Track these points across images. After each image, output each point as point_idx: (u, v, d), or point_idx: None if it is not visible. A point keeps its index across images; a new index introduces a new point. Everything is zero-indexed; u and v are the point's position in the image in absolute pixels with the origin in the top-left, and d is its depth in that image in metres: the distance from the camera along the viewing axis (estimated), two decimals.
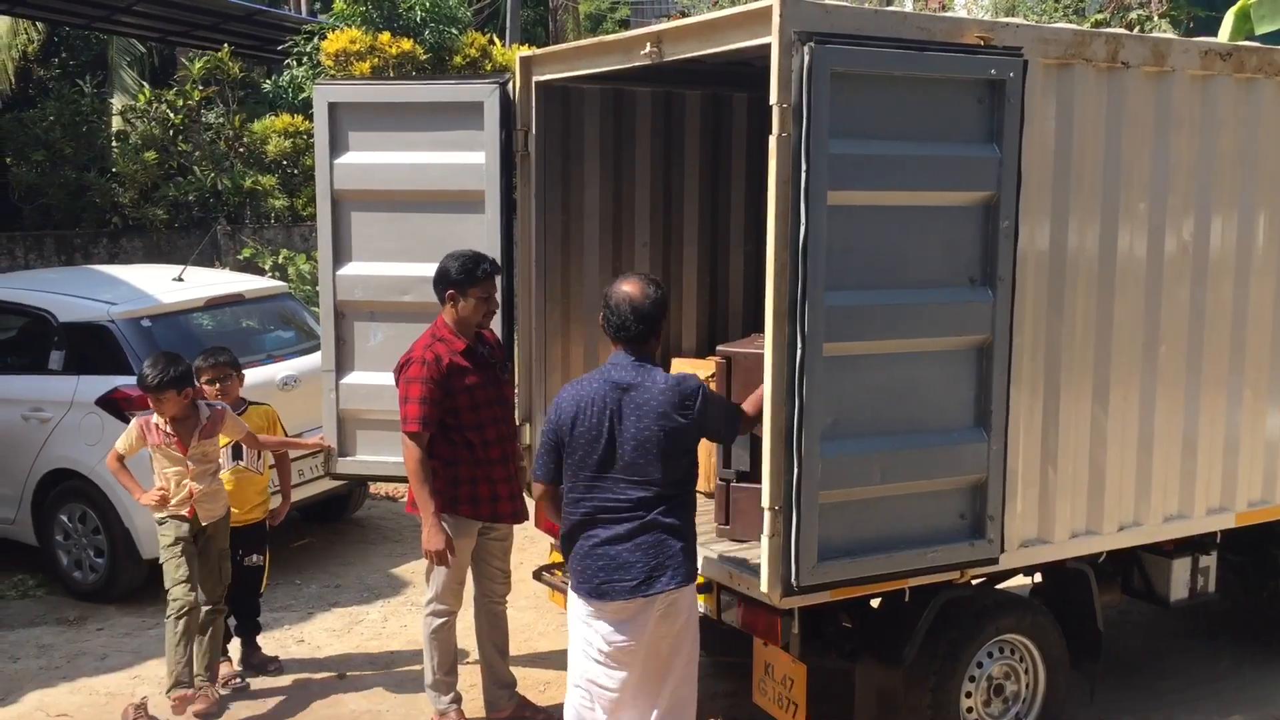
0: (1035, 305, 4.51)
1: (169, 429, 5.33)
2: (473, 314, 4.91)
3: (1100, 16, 11.87)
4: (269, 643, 6.18)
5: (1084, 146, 4.56)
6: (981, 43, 4.12)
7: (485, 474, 4.98)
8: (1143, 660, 6.11)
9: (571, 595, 4.24)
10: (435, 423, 4.84)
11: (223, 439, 5.60)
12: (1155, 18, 11.53)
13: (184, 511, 5.36)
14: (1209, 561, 5.41)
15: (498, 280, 5.02)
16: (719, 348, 5.13)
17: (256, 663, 5.98)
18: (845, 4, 4.10)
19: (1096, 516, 4.84)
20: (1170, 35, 8.64)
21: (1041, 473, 4.65)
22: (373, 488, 8.67)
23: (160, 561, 5.42)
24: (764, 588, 4.10)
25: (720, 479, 4.90)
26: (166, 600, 5.35)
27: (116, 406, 6.67)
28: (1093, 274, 4.66)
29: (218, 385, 5.72)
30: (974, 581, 4.79)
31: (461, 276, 4.86)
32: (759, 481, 4.58)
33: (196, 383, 5.58)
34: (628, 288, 4.15)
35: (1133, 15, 11.59)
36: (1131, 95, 4.63)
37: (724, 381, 4.92)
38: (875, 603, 4.72)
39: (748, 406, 4.34)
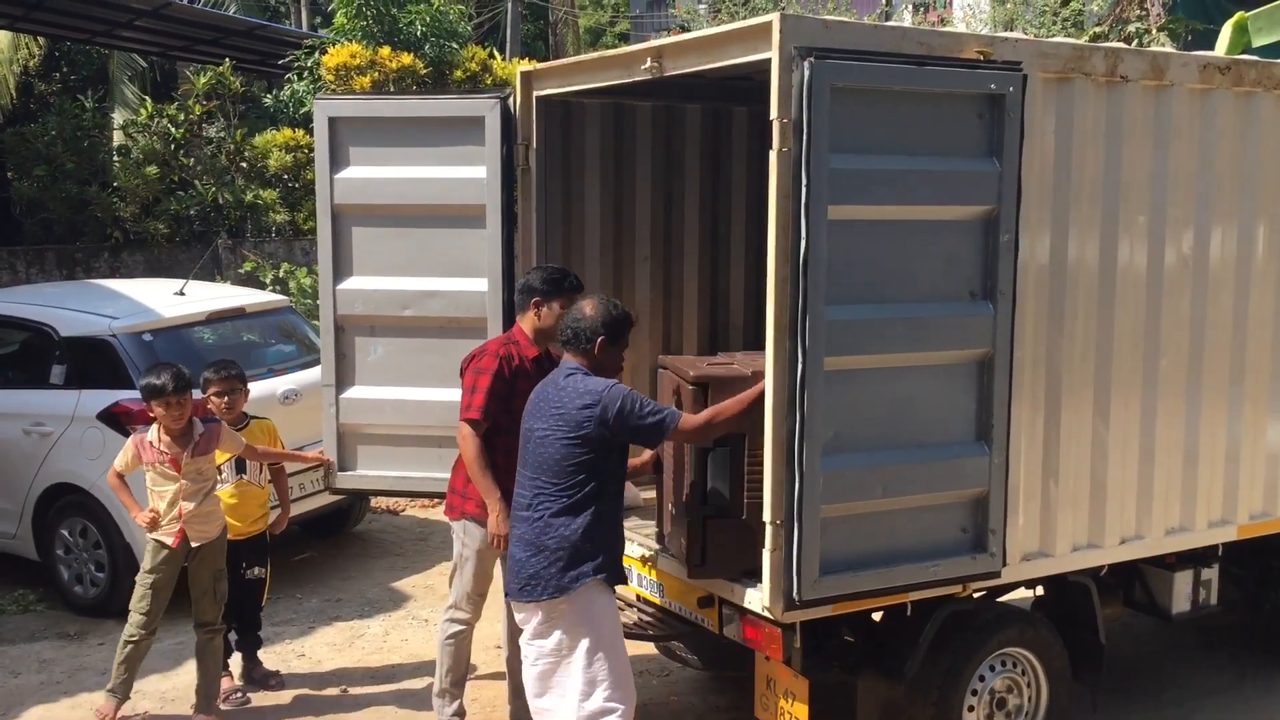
0: (1036, 318, 4.52)
1: (164, 446, 5.32)
2: (554, 324, 4.84)
3: (1099, 30, 11.91)
4: (270, 657, 6.17)
5: (1084, 160, 4.57)
6: (981, 57, 4.14)
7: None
8: (1145, 673, 6.10)
9: None
10: (493, 417, 4.84)
11: (221, 455, 5.59)
12: (1154, 31, 11.56)
13: (171, 535, 5.33)
14: (1211, 574, 5.40)
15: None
16: (660, 357, 5.12)
17: (258, 677, 5.97)
18: (845, 19, 4.13)
19: (1098, 529, 4.84)
20: (1169, 49, 8.67)
21: (1043, 486, 4.65)
22: (373, 502, 8.67)
23: (136, 580, 5.44)
24: (766, 602, 4.10)
25: (697, 516, 4.53)
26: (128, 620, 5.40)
27: (118, 421, 6.67)
28: (1093, 287, 4.67)
29: (226, 399, 5.73)
30: (976, 595, 4.79)
31: (548, 287, 4.90)
32: (738, 515, 4.46)
33: (203, 394, 5.59)
34: (585, 305, 4.45)
35: (1131, 29, 11.63)
36: (1131, 109, 4.65)
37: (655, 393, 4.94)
38: (877, 616, 4.72)
39: (723, 407, 4.30)
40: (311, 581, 7.51)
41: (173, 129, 14.59)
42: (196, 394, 5.59)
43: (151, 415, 5.35)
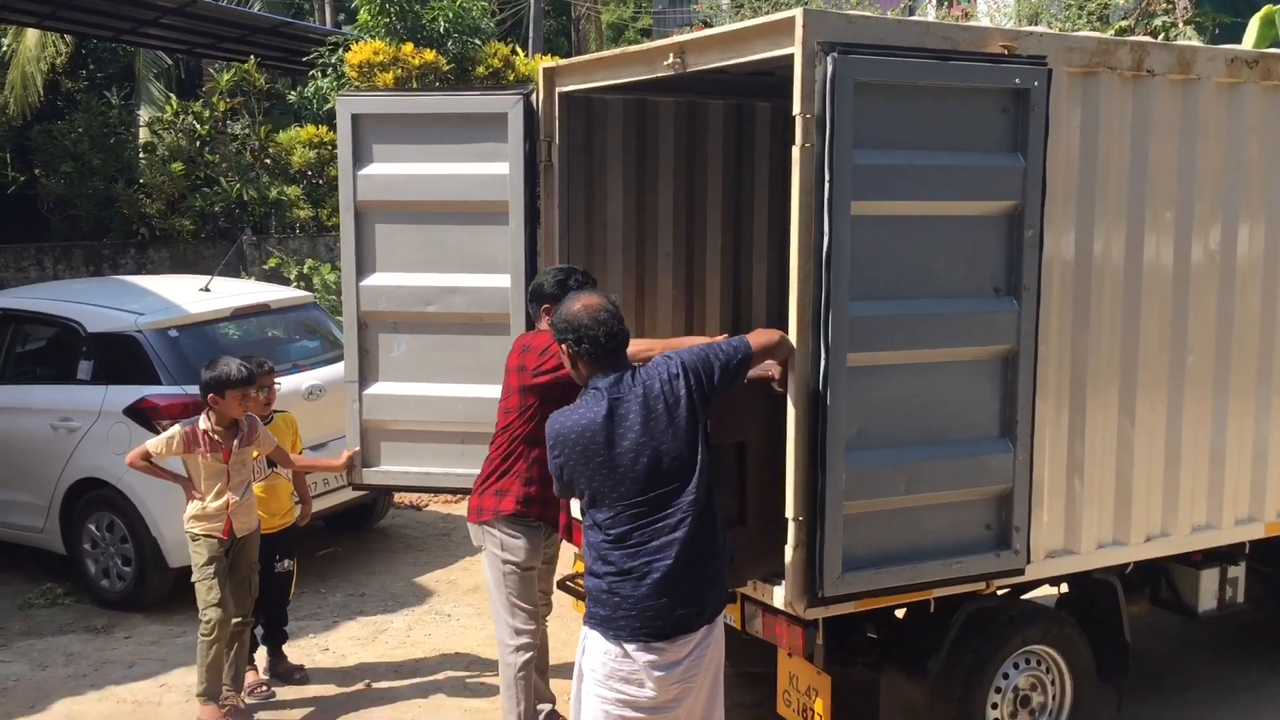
0: (1061, 315, 4.49)
1: (215, 435, 5.36)
2: None
3: (1125, 23, 11.80)
4: (294, 651, 6.21)
5: (1109, 155, 4.54)
6: (1006, 52, 4.12)
7: None
8: (1171, 671, 6.06)
9: (604, 652, 3.73)
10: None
11: (254, 452, 5.62)
12: (1180, 25, 11.44)
13: (219, 528, 5.38)
14: (1237, 572, 5.35)
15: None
16: None
17: (282, 671, 6.01)
18: (868, 14, 4.10)
19: (1123, 527, 4.81)
20: (1195, 42, 8.59)
21: (1068, 483, 4.62)
22: (397, 497, 8.70)
23: (193, 581, 5.42)
24: (788, 598, 4.09)
25: None
26: (199, 620, 5.37)
27: (144, 416, 6.73)
28: (1119, 283, 4.64)
29: (264, 393, 5.77)
30: (999, 592, 4.77)
31: (555, 290, 4.63)
32: (745, 524, 4.27)
33: None
34: (587, 302, 3.77)
35: (1157, 22, 11.51)
36: (1157, 103, 4.61)
37: None
38: (900, 613, 4.70)
39: (753, 339, 3.91)
40: (335, 576, 7.55)
41: (198, 126, 14.69)
42: None
43: (215, 402, 5.32)
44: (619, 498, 3.65)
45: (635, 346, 4.16)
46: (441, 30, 14.18)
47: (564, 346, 3.80)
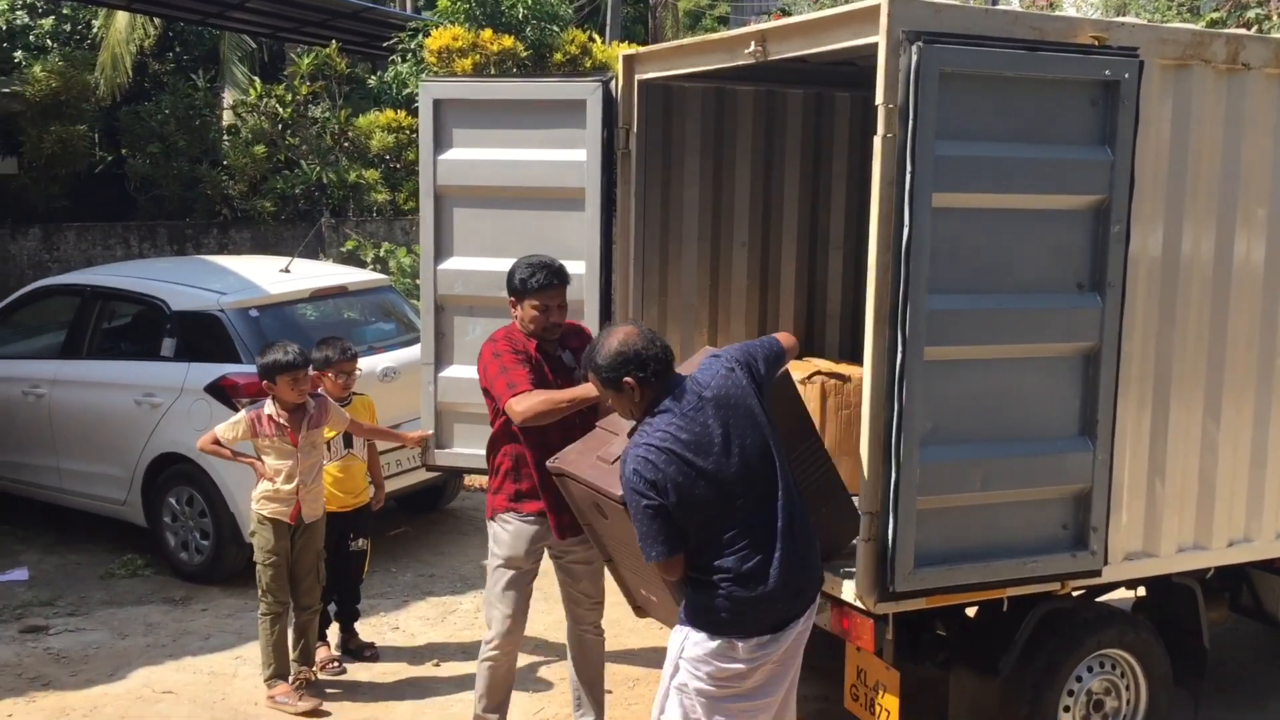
0: (1146, 313, 4.40)
1: (281, 419, 5.44)
2: (532, 324, 4.57)
3: (1216, 15, 11.50)
4: (365, 629, 6.30)
5: (1201, 150, 4.43)
6: (1096, 43, 4.04)
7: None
8: (1249, 679, 5.92)
9: (709, 650, 3.66)
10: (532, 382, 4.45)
11: (328, 432, 5.70)
12: (1274, 16, 11.12)
13: (288, 511, 5.46)
14: None
15: (565, 291, 4.65)
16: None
17: (354, 648, 6.11)
18: (955, 3, 4.04)
19: (1205, 531, 4.70)
20: None
21: (1148, 485, 4.53)
22: (467, 479, 8.78)
23: (255, 561, 5.53)
24: (859, 592, 4.07)
25: None
26: (259, 600, 5.51)
27: (224, 393, 6.86)
28: (1207, 281, 4.53)
29: (345, 378, 5.85)
30: (1075, 593, 4.69)
31: (517, 285, 4.57)
32: None
33: (317, 371, 5.71)
34: (625, 332, 3.75)
35: (1251, 14, 11.20)
36: (1252, 98, 4.49)
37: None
38: (971, 611, 4.65)
39: (782, 338, 4.01)
40: (406, 556, 7.65)
41: (280, 109, 14.91)
42: None
43: (269, 389, 5.42)
44: (719, 499, 3.59)
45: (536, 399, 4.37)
46: (520, 17, 14.25)
47: (628, 381, 3.67)
